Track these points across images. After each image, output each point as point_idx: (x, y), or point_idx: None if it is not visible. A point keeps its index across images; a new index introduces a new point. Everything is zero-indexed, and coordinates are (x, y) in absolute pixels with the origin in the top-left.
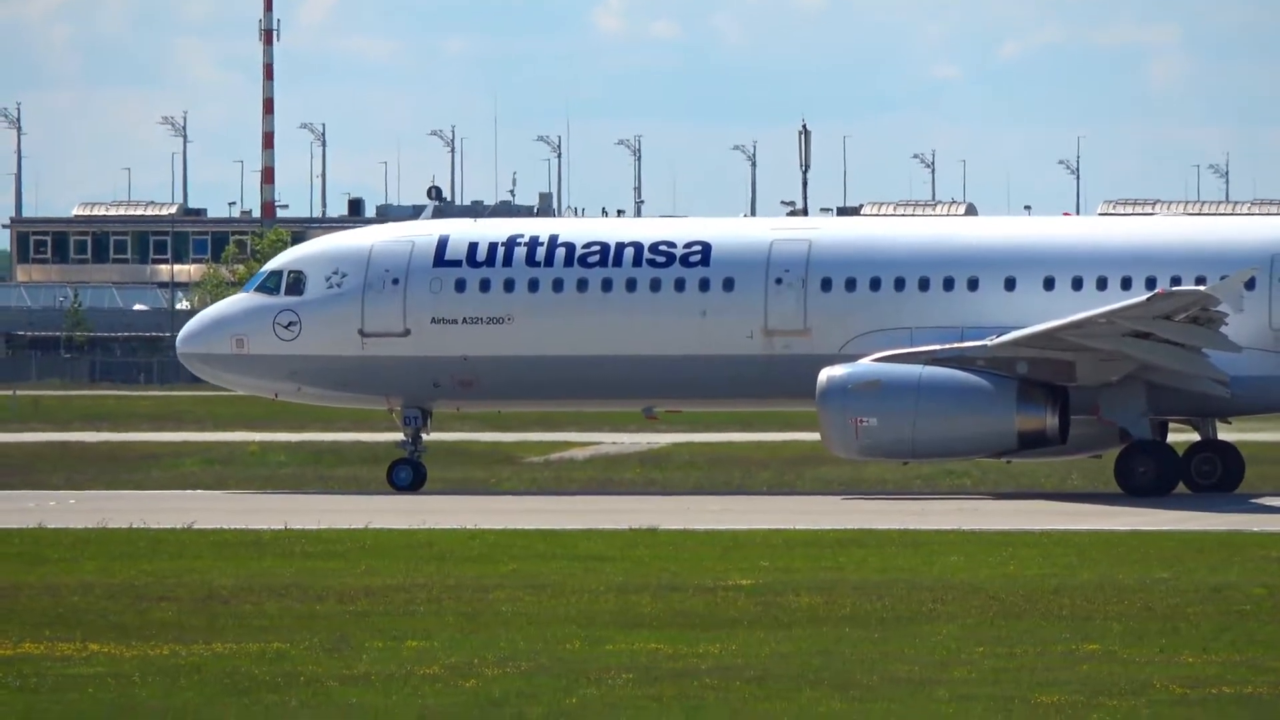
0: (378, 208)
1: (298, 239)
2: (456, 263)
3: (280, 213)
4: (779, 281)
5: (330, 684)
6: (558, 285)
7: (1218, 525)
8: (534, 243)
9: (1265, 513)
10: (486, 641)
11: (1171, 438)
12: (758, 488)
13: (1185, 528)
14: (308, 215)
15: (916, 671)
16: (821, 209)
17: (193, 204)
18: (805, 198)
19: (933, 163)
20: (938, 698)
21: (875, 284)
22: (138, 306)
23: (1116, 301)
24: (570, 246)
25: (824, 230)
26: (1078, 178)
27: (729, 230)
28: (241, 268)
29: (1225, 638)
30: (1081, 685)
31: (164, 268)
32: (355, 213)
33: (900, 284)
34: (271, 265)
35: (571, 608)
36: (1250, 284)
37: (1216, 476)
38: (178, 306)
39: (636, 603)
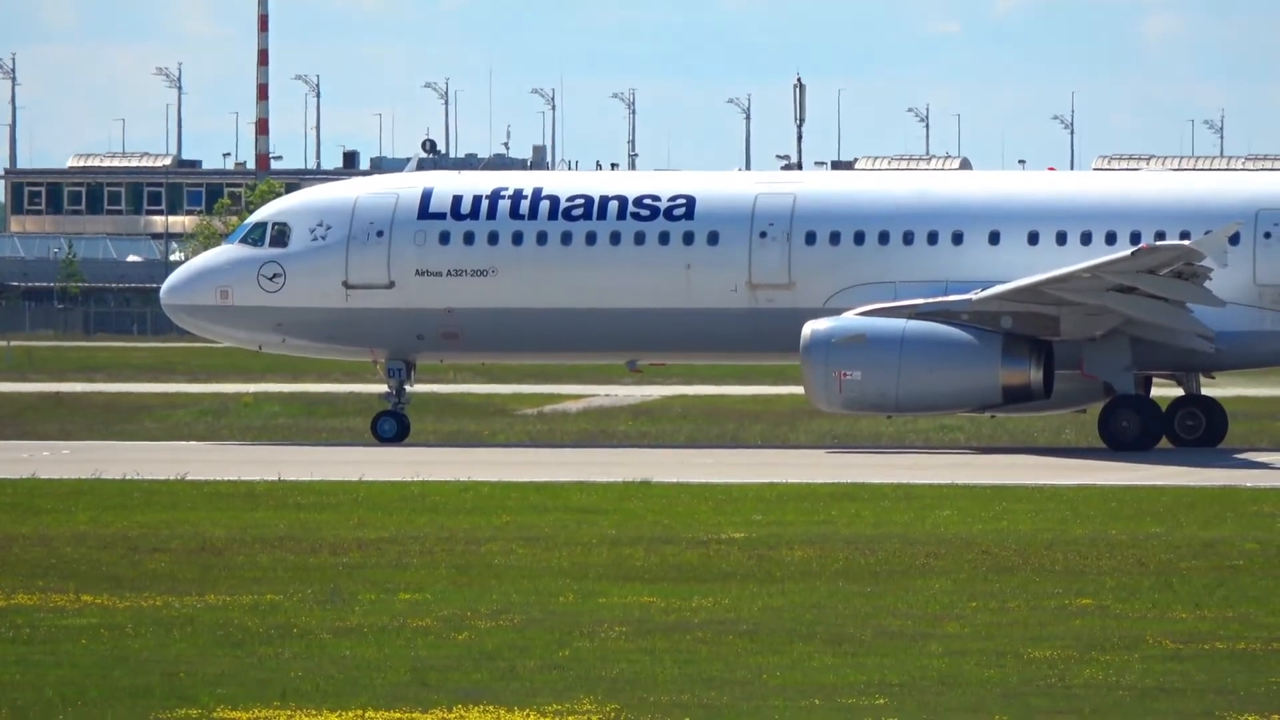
0: (372, 160)
1: (292, 191)
2: (441, 215)
3: (274, 165)
4: (763, 235)
5: (323, 636)
6: (542, 238)
7: (1211, 480)
8: (518, 195)
9: (1258, 468)
10: (479, 594)
11: (1154, 392)
12: (751, 441)
13: (1178, 483)
14: (302, 167)
15: (909, 626)
16: (816, 163)
17: (187, 155)
18: (800, 152)
19: (927, 117)
20: (930, 652)
21: (860, 238)
22: (131, 258)
23: (1101, 256)
24: (554, 199)
25: (808, 184)
26: (1072, 133)
27: (713, 184)
28: (234, 219)
29: (1218, 593)
30: (1074, 640)
31: (158, 219)
32: (350, 165)
33: (885, 238)
34: (256, 217)
35: (564, 560)
36: (1235, 239)
37: (1200, 432)
38: (171, 258)
39: (629, 555)
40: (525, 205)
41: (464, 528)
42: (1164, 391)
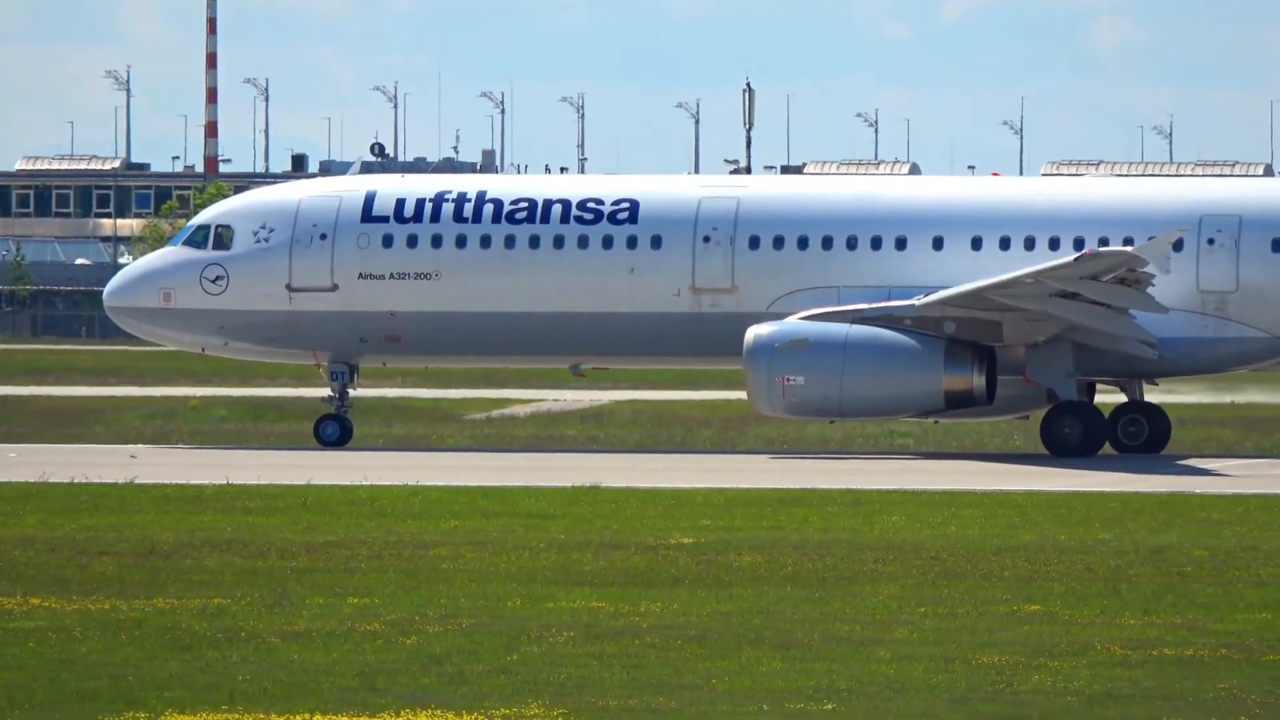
0: (321, 163)
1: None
2: (384, 218)
3: (223, 168)
4: (707, 239)
5: (271, 640)
6: (485, 241)
7: (1159, 487)
8: (462, 199)
9: (1206, 475)
10: (427, 598)
11: (1099, 398)
12: (700, 446)
13: (1127, 489)
14: (251, 170)
15: (857, 631)
16: (765, 167)
17: (136, 158)
18: (749, 156)
19: (876, 122)
20: (878, 658)
21: (803, 242)
22: (80, 260)
23: (1044, 262)
24: (498, 203)
25: (752, 188)
26: (1021, 138)
27: (657, 188)
28: (183, 222)
29: (1166, 599)
30: (1022, 646)
31: (106, 222)
32: (298, 168)
33: (828, 243)
34: (199, 219)
35: (513, 565)
36: (1178, 245)
37: (1142, 438)
38: (120, 260)
39: (578, 560)
40: (469, 208)
41: (412, 532)
42: (1107, 397)
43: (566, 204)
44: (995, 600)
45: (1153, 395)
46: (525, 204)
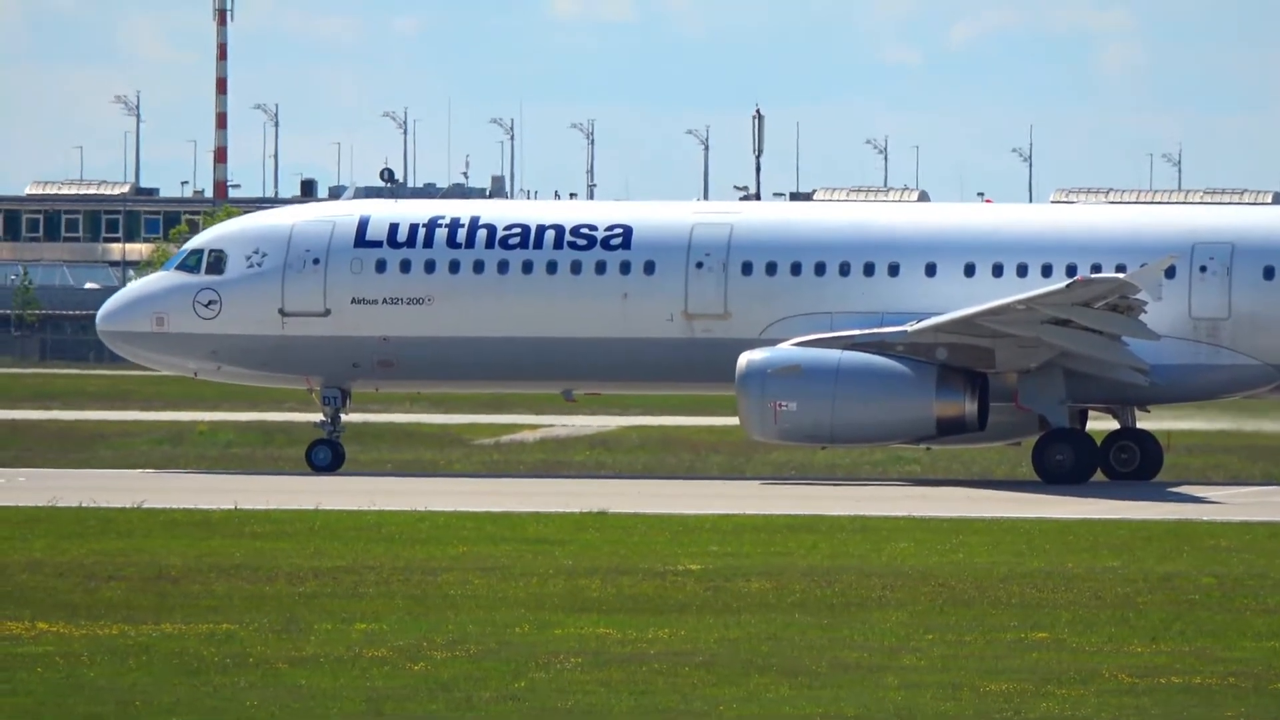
0: (330, 189)
1: None
2: (377, 243)
3: (233, 193)
4: (700, 265)
5: (279, 665)
6: (478, 267)
7: (1167, 514)
8: (455, 224)
9: (1214, 503)
10: (435, 624)
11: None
12: (708, 472)
13: (1135, 516)
14: (260, 195)
15: (865, 658)
16: (774, 194)
17: (145, 183)
18: (758, 182)
19: (885, 149)
20: (886, 685)
21: (796, 269)
22: (89, 285)
23: (1036, 288)
24: (491, 228)
25: (745, 214)
26: (1030, 165)
27: (650, 213)
28: None
29: (1174, 627)
30: (1030, 673)
31: (115, 246)
32: (308, 193)
33: (821, 269)
34: (192, 244)
35: (520, 591)
36: (1170, 272)
37: (1134, 465)
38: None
39: (585, 586)
40: (462, 234)
41: (420, 558)
42: (1099, 424)
43: (560, 229)
44: (1003, 627)
45: (1153, 422)
46: (519, 229)
